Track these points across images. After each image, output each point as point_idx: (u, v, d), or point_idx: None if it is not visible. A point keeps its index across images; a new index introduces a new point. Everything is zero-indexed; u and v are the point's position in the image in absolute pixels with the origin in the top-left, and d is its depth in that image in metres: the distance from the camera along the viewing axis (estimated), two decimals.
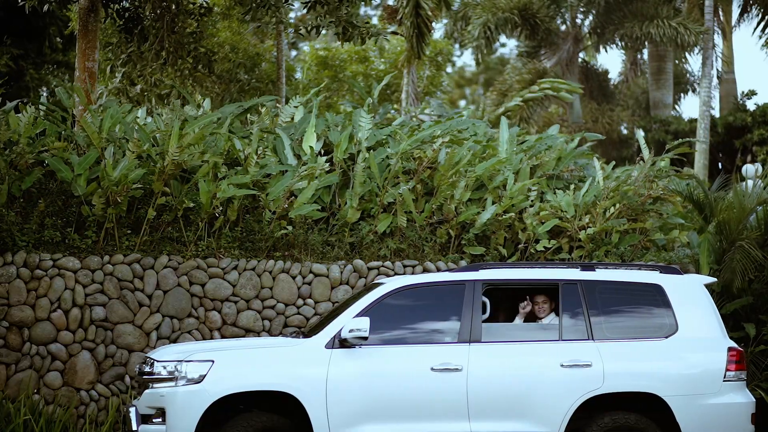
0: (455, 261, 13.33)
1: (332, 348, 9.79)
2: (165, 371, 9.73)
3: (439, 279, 10.36)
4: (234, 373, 9.65)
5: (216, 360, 9.66)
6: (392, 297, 10.07)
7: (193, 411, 9.49)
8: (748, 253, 13.08)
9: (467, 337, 9.96)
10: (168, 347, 10.48)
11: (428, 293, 10.22)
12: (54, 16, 24.30)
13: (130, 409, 9.90)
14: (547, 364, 9.94)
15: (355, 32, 17.91)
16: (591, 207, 13.79)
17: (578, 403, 9.88)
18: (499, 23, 32.79)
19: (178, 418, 9.50)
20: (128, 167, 12.51)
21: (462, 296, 10.11)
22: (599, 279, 10.38)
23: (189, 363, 9.67)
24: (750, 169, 23.39)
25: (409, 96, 24.95)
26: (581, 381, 9.91)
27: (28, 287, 12.39)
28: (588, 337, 10.11)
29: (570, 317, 10.17)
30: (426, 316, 10.16)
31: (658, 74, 34.85)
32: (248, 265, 12.87)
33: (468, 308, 10.06)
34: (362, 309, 9.96)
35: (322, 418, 9.59)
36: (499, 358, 9.95)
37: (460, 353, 9.89)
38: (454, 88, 51.02)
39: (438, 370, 9.81)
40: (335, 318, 10.11)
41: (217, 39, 26.14)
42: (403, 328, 10.04)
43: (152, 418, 9.69)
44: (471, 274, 10.28)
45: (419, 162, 13.71)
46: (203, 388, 9.55)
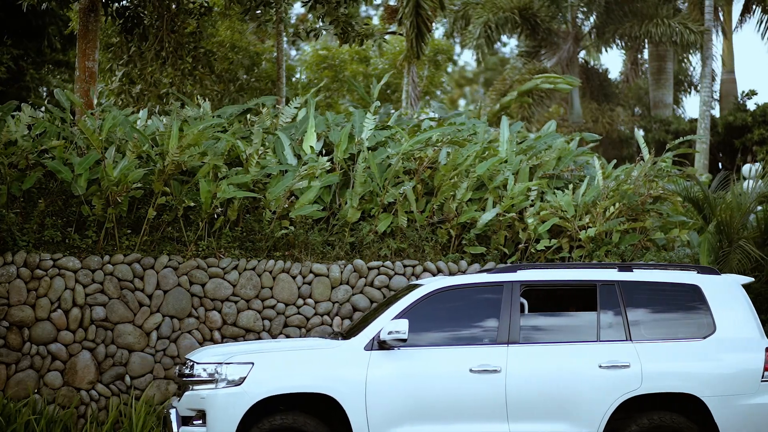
0: (456, 261, 13.33)
1: (371, 350, 9.79)
2: (205, 373, 9.74)
3: (477, 280, 10.32)
4: (274, 376, 9.67)
5: (256, 362, 9.68)
6: (430, 298, 10.06)
7: (234, 413, 9.51)
8: (747, 252, 13.09)
9: (506, 339, 9.96)
10: (207, 349, 10.47)
11: (466, 295, 10.21)
12: (54, 15, 24.32)
13: (170, 410, 9.90)
14: (586, 365, 9.94)
15: (354, 33, 17.93)
16: (591, 207, 13.79)
17: (617, 404, 9.88)
18: (499, 23, 32.80)
19: (218, 420, 9.52)
20: (128, 167, 12.52)
21: (500, 297, 10.11)
22: (637, 280, 10.37)
23: (229, 365, 9.68)
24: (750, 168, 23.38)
25: (409, 96, 24.95)
26: (620, 382, 9.91)
27: (29, 287, 12.39)
28: (626, 338, 10.10)
29: (608, 318, 10.16)
30: (464, 317, 10.16)
31: (658, 74, 34.85)
32: (248, 265, 12.87)
33: (506, 309, 10.06)
34: (401, 311, 9.95)
35: (362, 420, 9.60)
36: (537, 359, 9.93)
37: (498, 354, 9.88)
38: (455, 88, 51.03)
39: (477, 371, 9.81)
40: (373, 320, 10.10)
41: (216, 39, 26.15)
42: (442, 329, 10.03)
43: (193, 419, 9.71)
44: (509, 276, 10.27)
45: (420, 162, 13.72)
46: (243, 390, 9.56)
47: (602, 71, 39.58)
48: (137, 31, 18.62)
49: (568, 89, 28.92)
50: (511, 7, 33.03)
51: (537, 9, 33.69)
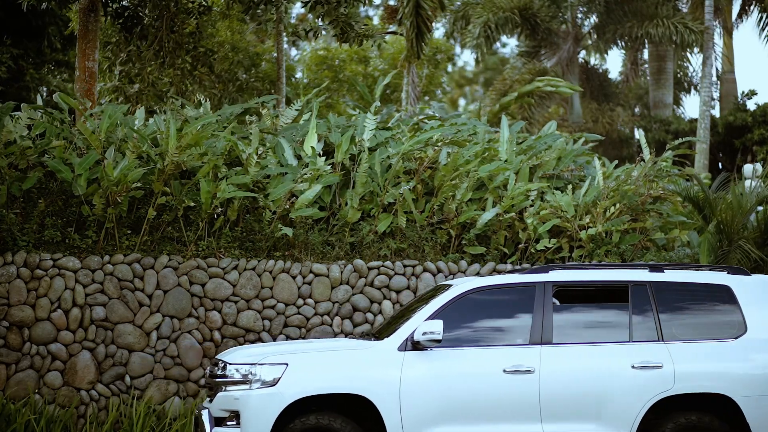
0: (455, 261, 13.33)
1: (405, 350, 9.78)
2: (238, 374, 9.70)
3: (510, 281, 10.31)
4: (308, 376, 9.64)
5: (290, 363, 9.65)
6: (463, 299, 10.05)
7: (268, 414, 9.49)
8: (747, 252, 13.09)
9: (538, 339, 9.96)
10: (238, 350, 10.43)
11: (498, 295, 10.21)
12: (54, 15, 24.30)
13: (202, 411, 9.87)
14: (619, 365, 9.93)
15: (354, 33, 17.92)
16: (591, 207, 13.79)
17: (650, 404, 9.87)
18: (499, 23, 32.79)
19: (252, 421, 9.51)
20: (128, 167, 12.52)
21: (533, 298, 10.10)
22: (668, 280, 10.36)
23: (263, 366, 9.65)
24: (750, 168, 23.38)
25: (409, 96, 24.94)
26: (652, 382, 9.90)
27: (29, 287, 12.39)
28: (658, 339, 10.09)
29: (640, 318, 10.15)
30: (496, 317, 10.15)
31: (658, 74, 34.84)
32: (248, 265, 12.87)
33: (539, 310, 10.06)
34: (434, 311, 9.93)
35: (396, 421, 9.59)
36: (570, 359, 9.93)
37: (531, 355, 9.88)
38: (455, 88, 51.03)
39: (510, 372, 9.80)
40: (405, 320, 10.09)
41: (216, 39, 26.15)
42: (475, 330, 10.02)
43: (226, 420, 9.67)
44: (541, 276, 10.26)
45: (420, 162, 13.72)
46: (278, 391, 9.53)
47: (602, 71, 39.57)
48: (136, 30, 18.62)
49: (569, 93, 28.95)
50: (511, 7, 33.02)
51: (537, 9, 33.68)
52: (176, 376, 12.55)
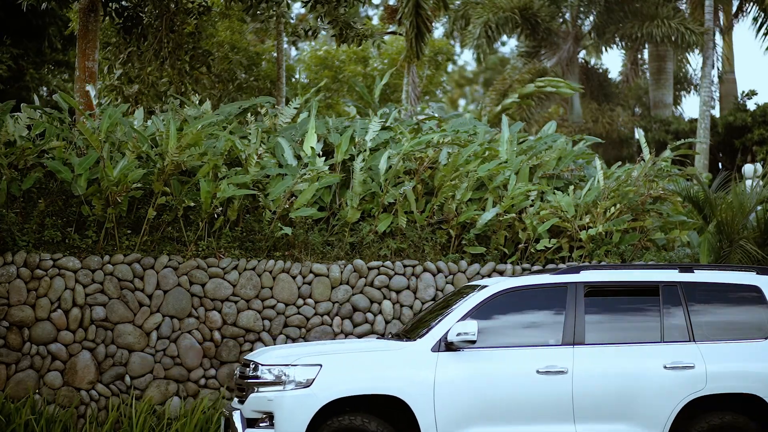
0: (455, 261, 13.33)
1: (438, 351, 9.78)
2: (271, 375, 9.70)
3: (542, 281, 10.32)
4: (342, 378, 9.65)
5: (324, 364, 9.64)
6: (495, 300, 10.06)
7: (303, 415, 9.49)
8: (748, 252, 13.09)
9: (571, 339, 9.98)
10: (268, 350, 10.43)
11: (531, 295, 10.23)
12: (54, 15, 24.30)
13: (234, 413, 9.85)
14: (651, 366, 9.97)
15: (352, 33, 17.91)
16: (591, 207, 13.79)
17: (682, 404, 9.91)
18: (499, 23, 32.77)
19: (287, 422, 9.50)
20: (127, 167, 12.52)
21: (564, 298, 10.13)
22: (698, 281, 10.40)
23: (297, 367, 9.64)
24: (749, 168, 23.39)
25: (409, 96, 24.93)
26: (685, 382, 9.94)
27: (28, 287, 12.39)
28: (689, 339, 10.13)
29: (671, 319, 10.19)
30: (529, 318, 10.19)
31: (658, 74, 34.83)
32: (248, 265, 12.87)
33: (571, 310, 10.08)
34: (466, 312, 9.94)
35: (430, 422, 9.60)
36: (603, 360, 9.95)
37: (564, 355, 9.91)
38: (455, 88, 51.03)
39: (543, 372, 9.83)
40: (436, 320, 10.10)
41: (216, 39, 26.14)
42: (507, 330, 10.04)
43: (259, 422, 9.67)
44: (573, 276, 10.28)
45: (420, 162, 13.72)
46: (312, 393, 9.53)
47: (602, 71, 39.55)
48: (136, 30, 18.60)
49: (570, 93, 28.95)
50: (511, 6, 33.00)
51: (537, 9, 33.67)
52: (176, 376, 12.55)
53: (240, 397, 10.01)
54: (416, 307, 13.08)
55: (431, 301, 13.11)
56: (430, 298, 13.12)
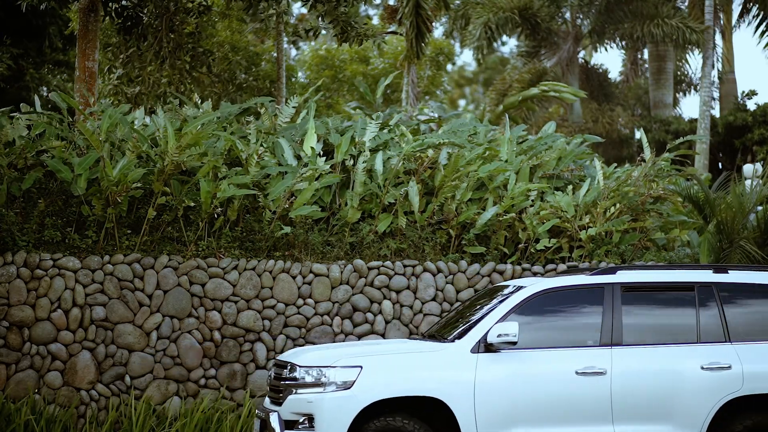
0: (455, 261, 13.33)
1: (478, 352, 9.77)
2: (309, 377, 9.66)
3: (579, 282, 10.32)
4: (383, 379, 9.61)
5: (364, 366, 9.61)
6: (533, 300, 10.06)
7: (344, 417, 9.45)
8: (747, 252, 13.09)
9: (609, 340, 9.99)
10: (303, 351, 10.38)
11: (568, 296, 10.22)
12: (54, 15, 24.29)
13: (271, 415, 9.79)
14: (688, 366, 9.97)
15: (353, 33, 17.90)
16: (591, 207, 13.79)
17: (719, 405, 9.91)
18: (499, 23, 32.77)
19: (328, 424, 9.46)
20: (127, 167, 12.52)
21: (602, 299, 10.14)
22: (733, 281, 10.41)
23: (336, 369, 9.61)
24: (750, 168, 23.39)
25: (409, 96, 24.92)
26: (722, 383, 9.94)
27: (28, 287, 12.39)
28: (725, 339, 10.14)
29: (707, 319, 10.19)
30: (566, 319, 10.19)
31: (658, 74, 34.84)
32: (248, 265, 12.87)
33: (608, 311, 10.09)
34: (505, 313, 9.94)
35: (470, 423, 9.58)
36: (641, 360, 9.96)
37: (603, 356, 9.92)
38: (454, 88, 51.02)
39: (582, 373, 9.83)
40: (472, 321, 10.09)
41: (216, 39, 26.15)
42: (545, 331, 10.04)
43: (298, 424, 9.64)
44: (609, 277, 10.28)
45: (420, 162, 13.72)
46: (353, 394, 9.49)
47: (602, 71, 39.56)
48: (136, 30, 18.60)
49: (573, 99, 28.95)
50: (511, 7, 32.99)
51: (537, 9, 33.66)
52: (176, 376, 12.55)
53: (275, 399, 9.96)
54: (416, 307, 13.08)
55: (431, 301, 13.12)
56: (430, 298, 13.12)
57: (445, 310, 13.12)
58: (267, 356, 12.75)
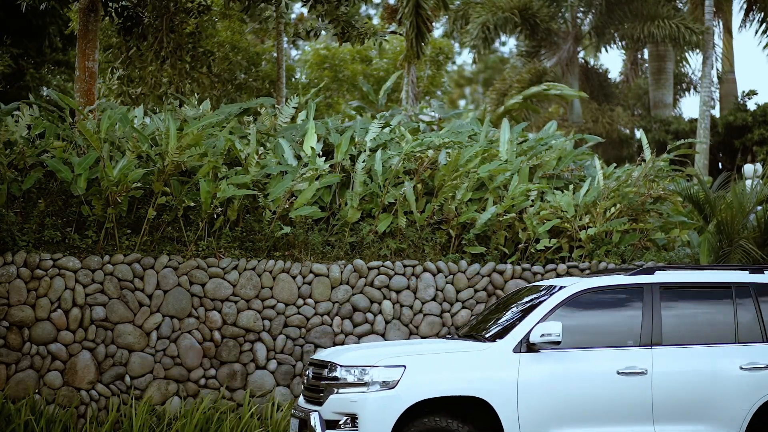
0: (455, 261, 13.33)
1: (520, 352, 9.78)
2: (351, 376, 9.64)
3: (618, 282, 10.34)
4: (427, 379, 9.60)
5: (408, 365, 9.60)
6: (573, 300, 10.07)
7: (388, 416, 9.44)
8: (747, 252, 13.09)
9: (649, 340, 10.02)
10: (342, 350, 10.35)
11: (607, 296, 10.25)
12: (54, 15, 24.29)
13: (312, 414, 9.76)
14: (728, 366, 10.01)
15: (354, 32, 17.90)
16: (591, 207, 13.79)
17: (758, 405, 9.94)
18: (498, 23, 32.76)
19: (372, 424, 9.45)
20: (127, 167, 12.52)
21: (641, 299, 10.17)
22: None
23: (380, 368, 9.59)
24: (749, 168, 23.39)
25: (409, 96, 24.92)
26: (761, 383, 9.98)
27: (28, 287, 12.39)
28: (763, 339, 10.18)
29: (744, 319, 10.23)
30: (605, 319, 10.19)
31: (658, 74, 34.83)
32: (248, 265, 12.87)
33: (648, 311, 10.12)
34: (546, 313, 9.94)
35: (514, 423, 9.59)
36: (681, 360, 10.00)
37: (644, 356, 9.95)
38: (454, 88, 51.01)
39: (624, 373, 9.85)
40: (511, 321, 10.10)
41: (216, 39, 26.15)
42: (585, 331, 10.04)
43: (341, 423, 9.62)
44: (648, 277, 10.31)
45: (420, 162, 13.72)
46: (397, 394, 9.48)
47: (602, 71, 39.55)
48: (136, 31, 18.60)
49: (573, 96, 28.98)
50: (511, 7, 32.98)
51: (537, 9, 33.65)
52: (176, 376, 12.55)
53: (313, 399, 9.94)
54: (416, 307, 13.08)
55: (431, 301, 13.11)
56: (430, 298, 13.12)
57: (445, 310, 13.12)
58: (267, 356, 12.76)
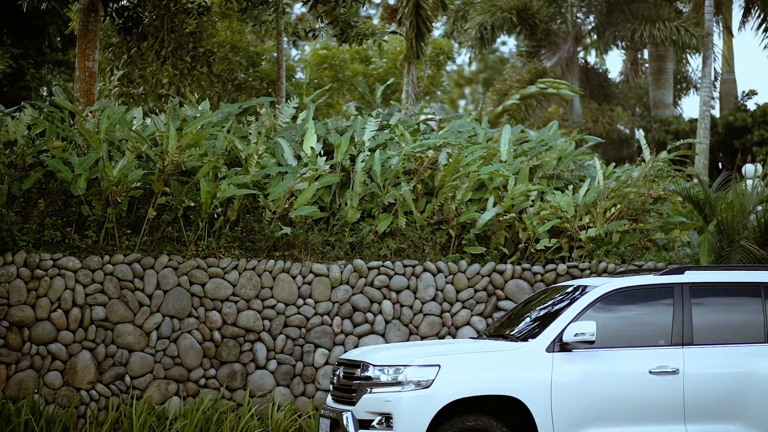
0: (455, 261, 13.33)
1: (553, 352, 9.80)
2: (385, 376, 9.65)
3: (649, 282, 10.36)
4: (461, 378, 9.62)
5: (442, 364, 9.62)
6: (605, 300, 10.09)
7: (423, 416, 9.45)
8: (748, 252, 13.09)
9: (680, 340, 10.05)
10: (373, 350, 10.35)
11: (638, 296, 10.27)
12: (54, 15, 24.29)
13: (344, 414, 9.77)
14: (758, 366, 10.03)
15: (353, 33, 17.91)
16: (591, 207, 13.79)
17: None
18: (496, 23, 32.74)
19: (406, 423, 9.46)
20: (127, 167, 12.52)
21: (671, 299, 10.20)
22: None
23: (414, 367, 9.60)
24: (750, 168, 23.39)
25: (409, 96, 24.91)
26: None
27: (28, 287, 12.39)
28: None
29: None
30: (636, 318, 10.21)
31: (658, 74, 34.82)
32: (248, 265, 12.87)
33: (678, 310, 10.15)
34: (578, 312, 9.96)
35: (547, 422, 9.62)
36: (712, 360, 10.03)
37: (675, 356, 9.98)
38: (454, 88, 51.00)
39: (656, 373, 9.88)
40: (541, 320, 10.13)
41: (216, 39, 26.15)
42: (616, 330, 10.05)
43: (374, 423, 9.63)
44: (678, 277, 10.34)
45: (420, 162, 13.72)
46: (432, 393, 9.50)
47: (602, 71, 39.55)
48: (136, 31, 18.61)
49: (571, 96, 28.98)
50: (510, 7, 32.97)
51: (536, 9, 33.64)
52: (176, 376, 12.55)
53: (344, 398, 9.94)
54: (416, 307, 13.08)
55: (431, 301, 13.11)
56: (430, 298, 13.12)
57: (445, 310, 13.12)
58: (267, 356, 12.76)
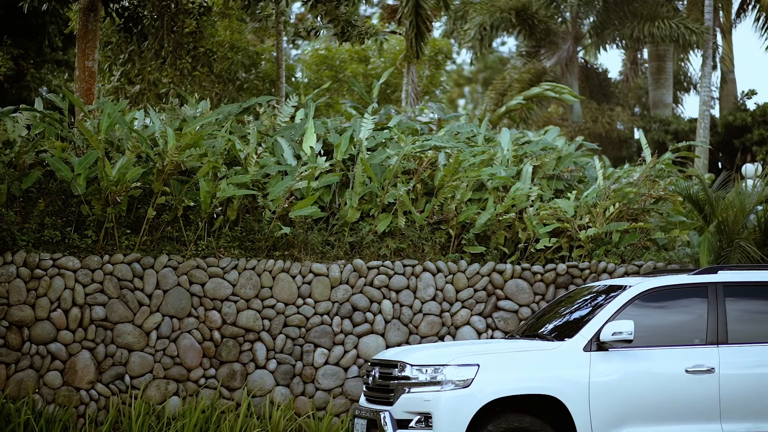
0: (455, 261, 13.33)
1: (590, 351, 9.85)
2: (423, 375, 9.69)
3: (683, 281, 10.42)
4: (500, 377, 9.67)
5: (481, 364, 9.66)
6: (640, 299, 10.14)
7: (462, 416, 9.49)
8: (747, 252, 13.10)
9: (715, 339, 10.10)
10: (409, 350, 10.38)
11: (673, 295, 10.34)
12: (54, 15, 24.29)
13: (382, 414, 9.80)
14: None
15: (354, 32, 17.92)
16: (591, 207, 13.80)
17: None
18: (495, 23, 32.74)
19: (446, 423, 9.49)
20: (126, 166, 12.52)
21: (705, 298, 10.25)
22: None
23: (453, 367, 9.64)
24: (750, 168, 23.39)
25: (409, 96, 24.92)
26: None
27: (28, 287, 12.39)
28: None
29: None
30: (671, 317, 10.27)
31: (658, 74, 34.83)
32: (248, 265, 12.87)
33: (713, 310, 10.20)
34: (614, 312, 10.01)
35: (585, 421, 9.66)
36: (746, 359, 10.09)
37: (710, 355, 10.03)
38: (453, 87, 51.01)
39: (692, 371, 9.92)
40: (581, 321, 10.16)
41: (216, 38, 26.16)
42: (651, 330, 10.10)
43: (413, 423, 9.66)
44: (711, 277, 10.40)
45: (419, 162, 13.72)
46: (472, 393, 9.54)
47: (602, 71, 39.55)
48: (136, 30, 18.62)
49: (573, 101, 29.01)
50: (509, 7, 32.96)
51: (536, 9, 33.64)
52: (176, 375, 12.55)
53: (380, 399, 9.97)
54: (416, 307, 13.08)
55: (431, 301, 13.11)
56: (429, 297, 13.12)
57: (444, 309, 13.12)
58: (266, 356, 12.76)
